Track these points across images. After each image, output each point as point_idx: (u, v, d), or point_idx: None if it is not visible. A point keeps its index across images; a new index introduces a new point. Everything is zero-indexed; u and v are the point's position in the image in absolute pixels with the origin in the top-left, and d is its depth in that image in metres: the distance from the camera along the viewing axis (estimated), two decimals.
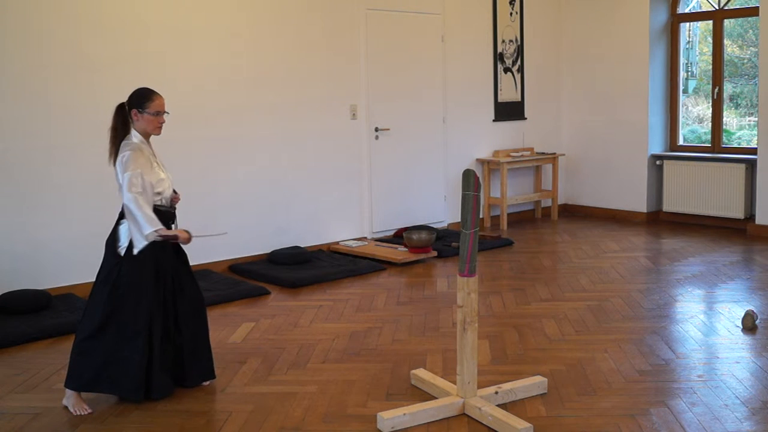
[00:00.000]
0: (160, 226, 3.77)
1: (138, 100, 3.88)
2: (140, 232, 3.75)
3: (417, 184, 8.14)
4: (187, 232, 3.87)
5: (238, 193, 6.83)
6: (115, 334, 3.80)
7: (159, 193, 3.89)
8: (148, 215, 3.74)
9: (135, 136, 3.89)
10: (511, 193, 8.84)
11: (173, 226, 4.03)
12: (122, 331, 3.80)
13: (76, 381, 3.81)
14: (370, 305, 5.62)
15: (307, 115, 7.23)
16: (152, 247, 3.83)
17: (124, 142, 3.86)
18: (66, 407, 3.83)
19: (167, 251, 3.94)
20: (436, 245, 7.32)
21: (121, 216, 3.88)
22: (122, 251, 3.83)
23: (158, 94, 3.92)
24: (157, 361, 3.86)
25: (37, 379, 4.27)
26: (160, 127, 3.93)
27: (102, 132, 4.01)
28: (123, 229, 3.85)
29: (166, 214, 3.95)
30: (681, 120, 8.94)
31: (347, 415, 3.71)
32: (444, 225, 8.38)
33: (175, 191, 4.06)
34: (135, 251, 3.78)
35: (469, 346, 3.66)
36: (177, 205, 4.08)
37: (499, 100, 8.86)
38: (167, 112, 3.96)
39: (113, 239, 3.88)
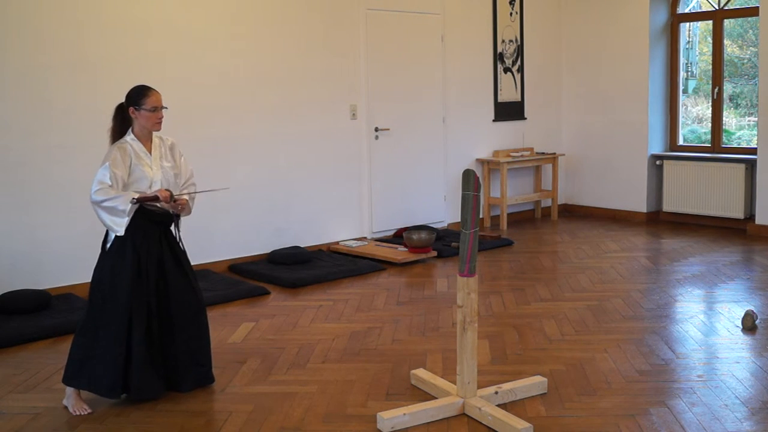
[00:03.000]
0: (131, 196, 3.72)
1: (134, 97, 3.88)
2: (121, 213, 3.71)
3: (417, 184, 8.14)
4: (168, 190, 3.80)
5: (237, 193, 6.82)
6: (97, 332, 3.81)
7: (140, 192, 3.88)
8: (116, 196, 3.71)
9: (128, 135, 3.89)
10: (511, 193, 8.85)
11: (174, 230, 4.04)
12: (103, 330, 3.81)
13: (65, 375, 3.84)
14: (370, 305, 5.62)
15: (307, 115, 7.24)
16: (135, 246, 3.83)
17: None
18: (66, 407, 3.83)
19: (152, 252, 3.91)
20: (436, 245, 7.32)
21: None
22: (108, 247, 3.84)
23: (154, 90, 3.91)
24: (137, 362, 3.81)
25: (36, 379, 4.27)
26: (159, 123, 3.92)
27: (102, 132, 4.01)
28: None
29: (160, 215, 3.94)
30: (681, 120, 8.94)
31: (347, 415, 3.71)
32: (444, 225, 8.38)
33: (177, 195, 4.00)
34: (121, 232, 3.74)
35: (469, 346, 3.66)
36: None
37: (499, 100, 8.86)
38: (165, 107, 3.96)
39: (105, 238, 3.89)
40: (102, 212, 3.76)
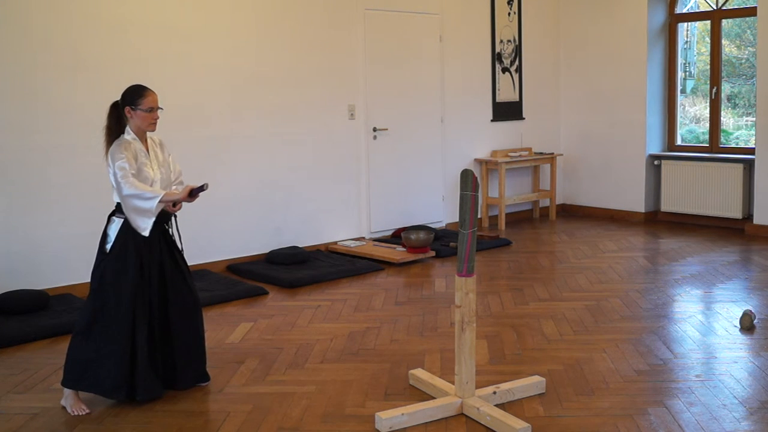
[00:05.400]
0: (161, 194, 3.74)
1: (130, 97, 3.87)
2: (148, 209, 3.72)
3: (415, 184, 8.14)
4: (189, 186, 3.83)
5: (236, 193, 6.83)
6: (100, 333, 3.81)
7: None
8: (148, 190, 3.73)
9: (128, 134, 3.88)
10: (510, 193, 8.85)
11: (169, 228, 4.03)
12: (106, 330, 3.80)
13: (66, 378, 3.82)
14: (368, 305, 5.62)
15: (306, 114, 7.23)
16: (137, 247, 3.84)
17: (116, 140, 3.86)
18: (64, 407, 3.83)
19: (154, 250, 3.92)
20: (434, 245, 7.32)
21: (112, 214, 3.89)
22: (108, 249, 3.83)
23: (150, 90, 3.90)
24: (141, 362, 3.82)
25: (34, 379, 4.26)
26: (154, 124, 3.91)
27: (100, 132, 4.01)
28: (112, 227, 3.85)
29: (159, 216, 3.92)
30: (679, 120, 8.95)
31: (345, 415, 3.71)
32: (442, 225, 8.38)
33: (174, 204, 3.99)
34: (146, 233, 3.77)
35: (467, 346, 3.66)
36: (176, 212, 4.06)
37: (497, 100, 8.86)
38: (161, 108, 3.95)
39: (103, 237, 3.88)
40: (131, 210, 3.75)
